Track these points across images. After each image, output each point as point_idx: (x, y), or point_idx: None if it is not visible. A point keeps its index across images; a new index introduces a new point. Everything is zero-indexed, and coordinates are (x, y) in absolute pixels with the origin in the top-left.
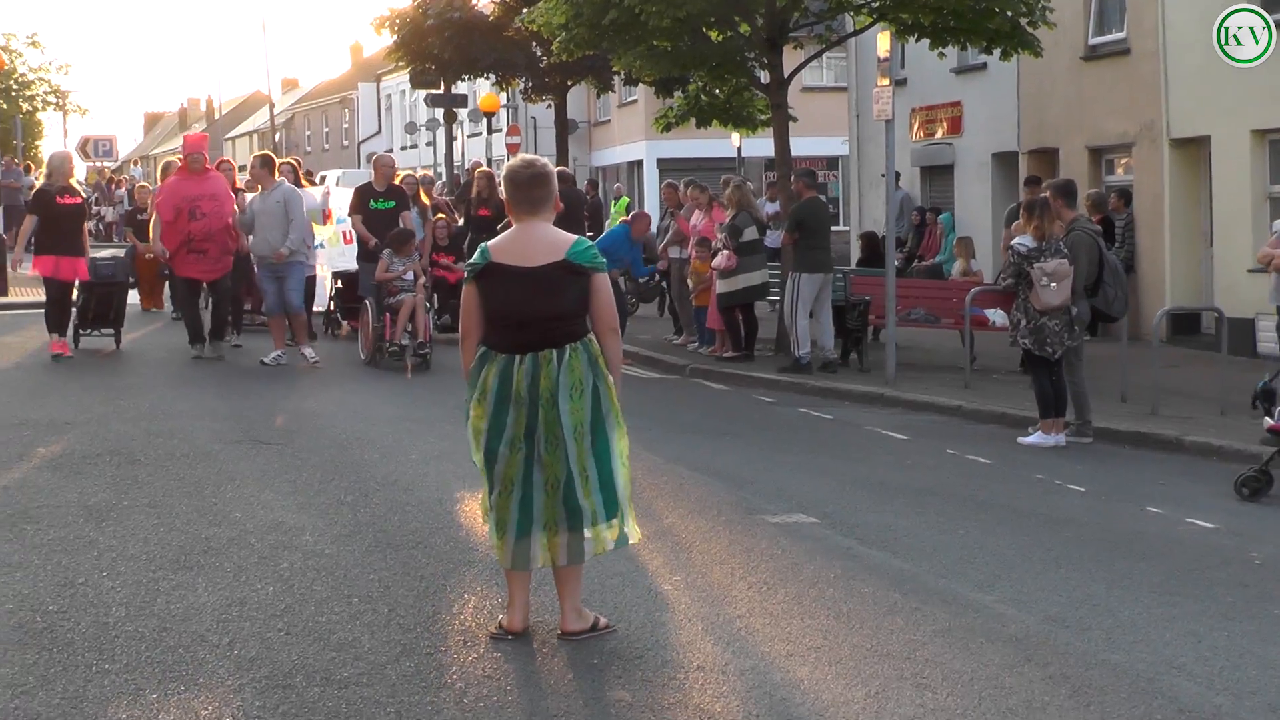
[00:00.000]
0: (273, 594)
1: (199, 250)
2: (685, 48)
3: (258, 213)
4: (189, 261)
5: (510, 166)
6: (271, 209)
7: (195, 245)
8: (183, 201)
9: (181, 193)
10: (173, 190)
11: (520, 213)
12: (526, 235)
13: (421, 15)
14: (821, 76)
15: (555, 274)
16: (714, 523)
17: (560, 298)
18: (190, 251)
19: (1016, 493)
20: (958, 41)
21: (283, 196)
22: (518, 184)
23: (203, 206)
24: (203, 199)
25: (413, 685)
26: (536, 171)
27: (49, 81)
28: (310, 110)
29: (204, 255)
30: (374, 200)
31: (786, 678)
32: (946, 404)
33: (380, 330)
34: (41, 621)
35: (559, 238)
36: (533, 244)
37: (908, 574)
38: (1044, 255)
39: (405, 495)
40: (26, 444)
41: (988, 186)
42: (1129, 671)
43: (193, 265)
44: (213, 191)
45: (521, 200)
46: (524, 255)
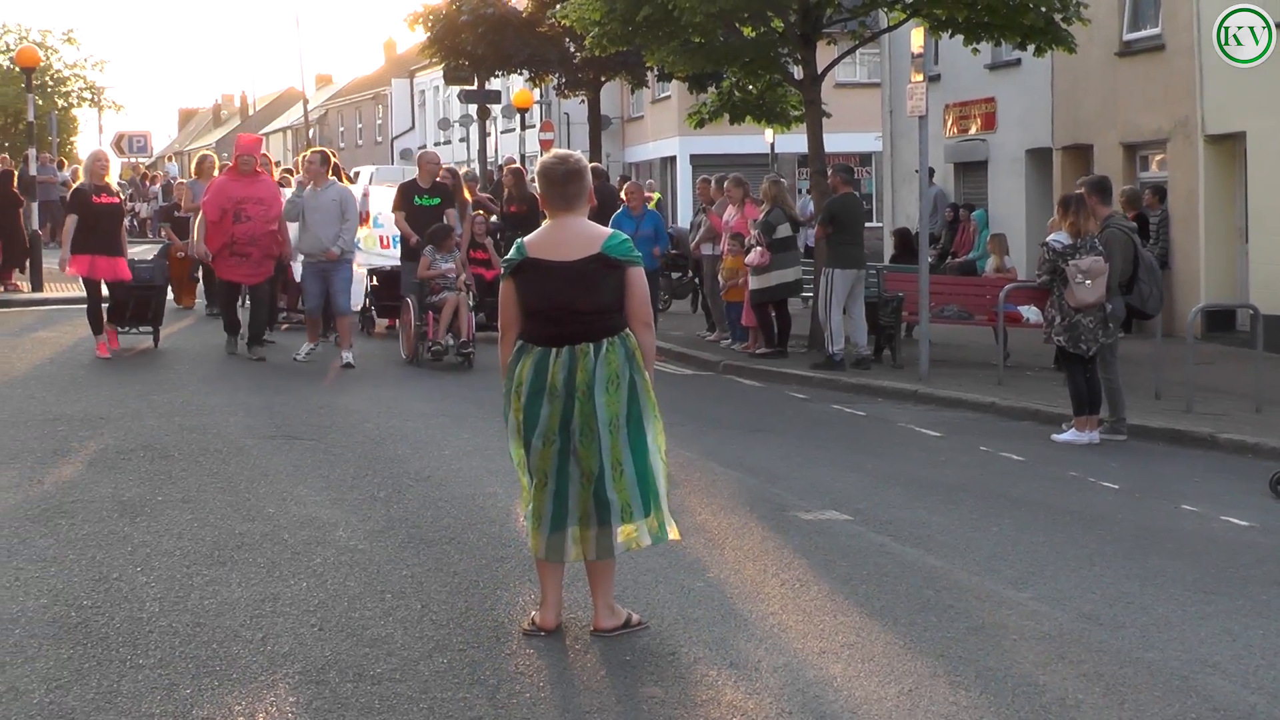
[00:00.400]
0: (306, 589)
1: (241, 253)
2: (719, 43)
3: (309, 209)
4: (230, 264)
5: (544, 162)
6: (326, 206)
7: (238, 248)
8: (229, 202)
9: (228, 193)
10: (220, 190)
11: (555, 208)
12: (562, 230)
13: (455, 11)
14: (855, 72)
15: (592, 268)
16: (746, 519)
17: (597, 292)
18: (233, 254)
19: (1050, 490)
20: (991, 37)
21: (339, 195)
22: (553, 180)
23: (248, 209)
24: (249, 201)
25: (445, 681)
26: (571, 167)
27: (84, 78)
28: (344, 106)
29: (246, 259)
30: (418, 197)
31: (819, 675)
32: (980, 401)
33: (422, 329)
34: (76, 616)
35: (595, 232)
36: (569, 239)
37: (941, 571)
38: (1079, 252)
39: (438, 491)
40: (61, 439)
41: (1021, 183)
42: (1163, 669)
43: (234, 268)
44: (260, 195)
45: (557, 196)
46: (560, 250)
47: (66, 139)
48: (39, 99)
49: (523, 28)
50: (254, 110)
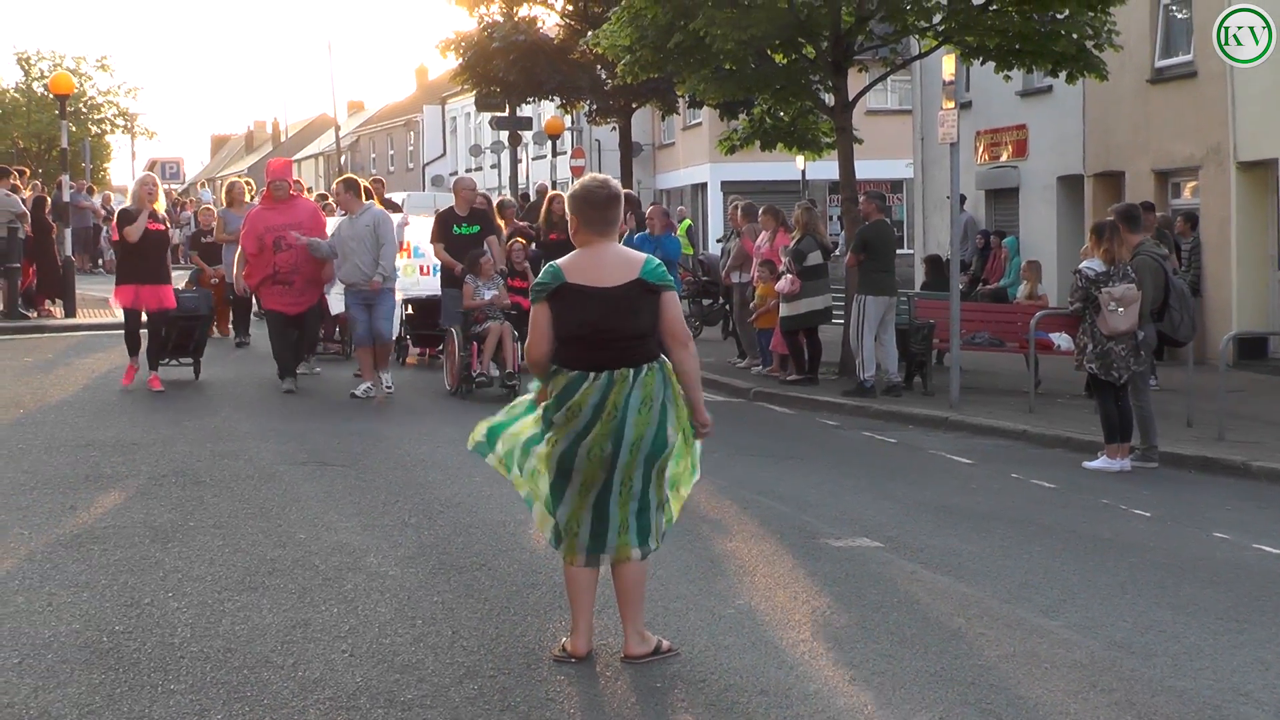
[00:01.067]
0: (337, 616)
1: (285, 281)
2: (750, 70)
3: (345, 239)
4: (275, 293)
5: (585, 186)
6: (360, 234)
7: (281, 276)
8: (266, 232)
9: (265, 223)
10: (257, 221)
11: (592, 232)
12: (599, 255)
13: (487, 38)
14: (886, 99)
15: (632, 293)
16: (777, 546)
17: (637, 317)
18: (276, 283)
19: (1081, 518)
20: (1023, 64)
21: (372, 220)
22: (594, 203)
23: (288, 237)
24: (289, 228)
25: (476, 708)
26: (612, 192)
27: (118, 105)
28: (375, 133)
29: (289, 287)
30: (456, 226)
31: (850, 703)
32: (1011, 428)
33: (466, 360)
34: (108, 641)
35: (632, 257)
36: (607, 264)
37: (972, 599)
38: (1112, 280)
39: (469, 517)
40: (93, 465)
41: (1053, 210)
42: (1195, 698)
43: (279, 297)
44: (299, 220)
45: (597, 220)
46: (600, 276)
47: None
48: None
49: (554, 55)
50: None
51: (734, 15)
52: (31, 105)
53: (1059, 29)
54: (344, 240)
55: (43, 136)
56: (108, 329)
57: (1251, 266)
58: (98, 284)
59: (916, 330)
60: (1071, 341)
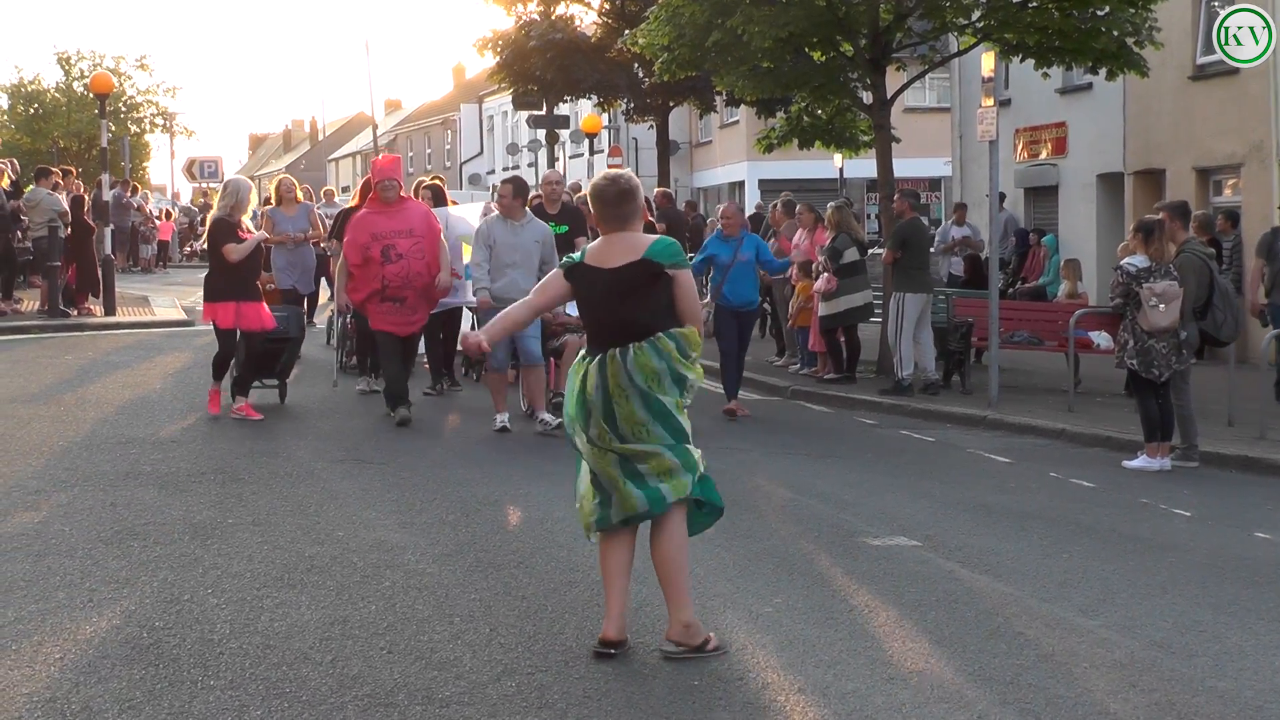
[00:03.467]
0: (375, 612)
1: (395, 298)
2: (787, 68)
3: (505, 246)
4: (383, 311)
5: (596, 185)
6: (527, 246)
7: (390, 292)
8: (373, 241)
9: (371, 229)
10: (360, 227)
11: (608, 226)
12: (613, 241)
13: (524, 37)
14: (924, 97)
15: (632, 273)
16: (815, 545)
17: (633, 298)
18: (384, 299)
19: (1121, 517)
20: (1063, 62)
21: (541, 235)
22: (605, 201)
23: (399, 245)
24: (399, 235)
25: (513, 705)
26: (622, 188)
27: (157, 104)
28: (413, 131)
29: (400, 304)
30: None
31: (888, 701)
32: (1050, 427)
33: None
34: (148, 637)
35: (640, 240)
36: (616, 248)
37: (1011, 598)
38: (1154, 276)
39: (507, 515)
40: (133, 462)
41: (1092, 208)
42: (1237, 699)
43: (388, 316)
44: (410, 225)
45: (610, 216)
46: (607, 258)
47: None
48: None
49: (591, 53)
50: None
51: (772, 13)
52: (72, 105)
53: (1099, 26)
54: (504, 249)
55: (83, 135)
56: (147, 327)
57: None
58: (136, 283)
59: (955, 329)
60: (1111, 340)
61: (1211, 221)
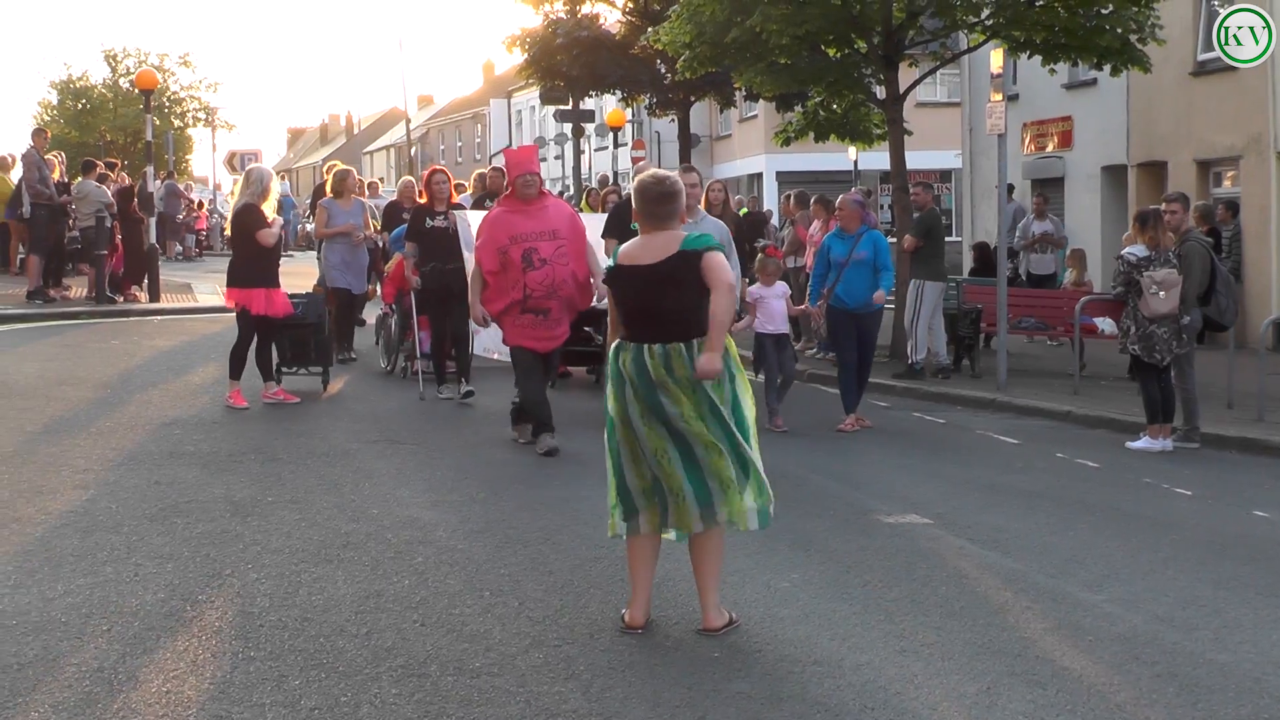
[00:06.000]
0: (408, 587)
1: (538, 309)
2: (804, 64)
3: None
4: (522, 325)
5: (642, 181)
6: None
7: (533, 303)
8: (512, 243)
9: (509, 230)
10: (497, 227)
11: (647, 225)
12: (650, 239)
13: (551, 34)
14: (935, 92)
15: (671, 266)
16: (830, 522)
17: (677, 290)
18: (526, 310)
19: (1125, 496)
20: (1069, 58)
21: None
22: (647, 198)
23: (541, 249)
24: (541, 238)
25: (541, 676)
26: (665, 190)
27: (199, 99)
28: (444, 125)
29: (543, 317)
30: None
31: (901, 672)
32: (1056, 409)
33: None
34: (191, 610)
35: (676, 236)
36: (653, 246)
37: (1018, 573)
38: (1153, 264)
39: (534, 493)
40: (176, 442)
41: (1097, 198)
42: (1235, 671)
43: (528, 330)
44: (554, 226)
45: (649, 214)
46: (644, 256)
47: (182, 157)
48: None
49: (616, 50)
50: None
51: (789, 11)
52: (118, 100)
53: (1104, 23)
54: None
55: (128, 130)
56: (189, 313)
57: None
58: (178, 271)
59: (965, 315)
60: (1115, 326)
61: (1212, 211)
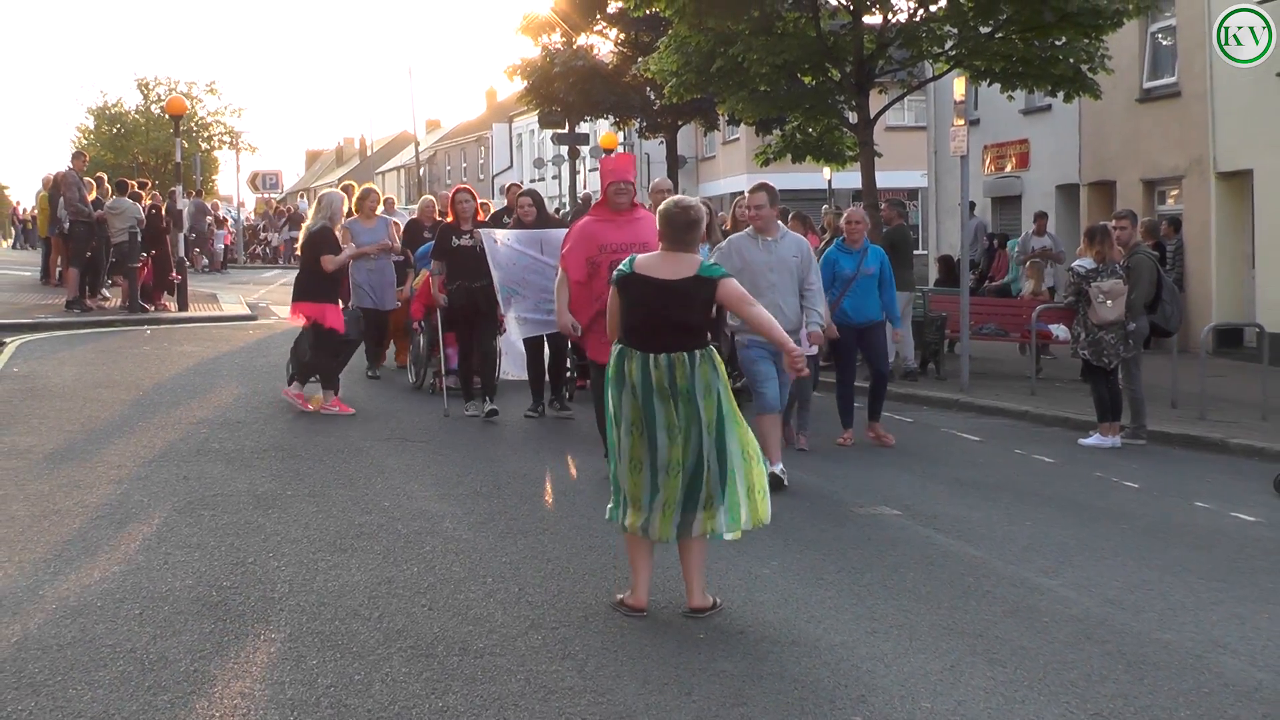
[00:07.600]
0: (417, 574)
1: None
2: (782, 91)
3: (760, 267)
4: (602, 336)
5: (668, 208)
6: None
7: None
8: (600, 254)
9: (598, 239)
10: (584, 237)
11: (670, 247)
12: (669, 257)
13: (549, 64)
14: (903, 117)
15: (688, 286)
16: (808, 514)
17: (689, 308)
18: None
19: (1078, 489)
20: (1026, 86)
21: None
22: (674, 225)
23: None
24: (630, 249)
25: (540, 655)
26: (691, 219)
27: (224, 123)
28: (450, 148)
29: None
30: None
31: (872, 651)
32: (1015, 409)
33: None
34: (216, 596)
35: (694, 260)
36: (672, 264)
37: (980, 560)
38: (1101, 276)
39: (534, 488)
40: (203, 439)
41: (1052, 215)
42: (1179, 649)
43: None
44: (645, 238)
45: (674, 238)
46: (663, 271)
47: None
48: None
49: (609, 78)
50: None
51: (769, 42)
52: (150, 125)
53: (1057, 54)
54: (759, 270)
55: (159, 152)
56: (215, 321)
57: (1229, 265)
58: (205, 282)
59: (930, 322)
60: (1069, 332)
61: (1157, 227)
